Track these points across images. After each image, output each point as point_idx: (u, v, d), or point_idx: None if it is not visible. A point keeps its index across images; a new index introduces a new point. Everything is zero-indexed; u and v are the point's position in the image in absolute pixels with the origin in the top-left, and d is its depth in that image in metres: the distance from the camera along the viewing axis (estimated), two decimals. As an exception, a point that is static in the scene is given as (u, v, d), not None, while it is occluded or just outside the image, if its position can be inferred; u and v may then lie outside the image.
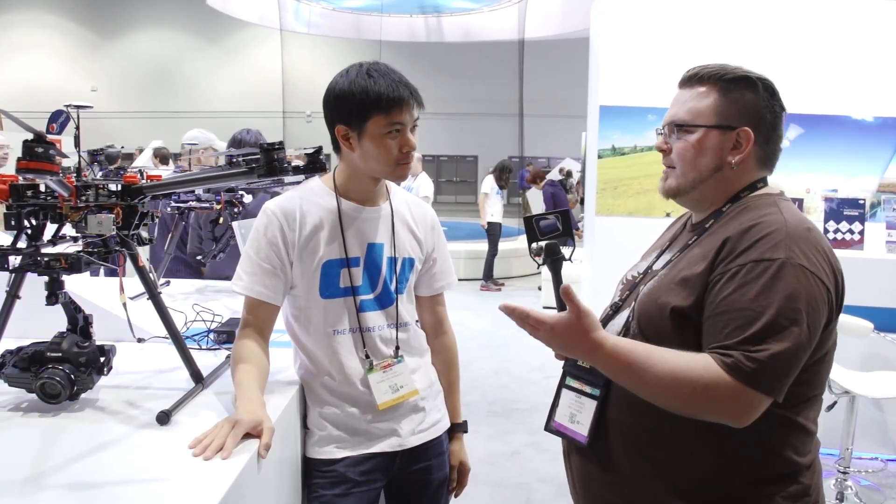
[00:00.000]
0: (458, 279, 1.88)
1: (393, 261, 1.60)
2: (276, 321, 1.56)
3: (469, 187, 21.53)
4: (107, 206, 1.40)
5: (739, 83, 1.27)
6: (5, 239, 1.48)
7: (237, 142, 3.10)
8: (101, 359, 1.45)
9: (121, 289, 1.50)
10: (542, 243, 1.25)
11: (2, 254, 1.34)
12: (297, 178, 1.62)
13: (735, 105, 1.26)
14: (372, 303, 1.57)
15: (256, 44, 20.70)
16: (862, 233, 3.79)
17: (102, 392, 1.49)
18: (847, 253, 3.69)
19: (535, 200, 10.32)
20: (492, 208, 8.65)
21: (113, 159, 7.64)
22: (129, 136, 15.05)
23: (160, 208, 2.50)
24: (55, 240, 1.43)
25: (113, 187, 1.42)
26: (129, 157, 7.54)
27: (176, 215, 2.54)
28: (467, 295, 8.17)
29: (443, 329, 1.77)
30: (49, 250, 1.38)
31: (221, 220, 2.56)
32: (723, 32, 4.15)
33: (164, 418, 1.33)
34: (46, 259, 1.34)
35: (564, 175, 13.31)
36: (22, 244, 1.38)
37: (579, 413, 1.31)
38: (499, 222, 8.70)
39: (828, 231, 3.78)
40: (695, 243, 1.27)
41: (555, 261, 1.24)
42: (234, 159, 1.51)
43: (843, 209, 3.81)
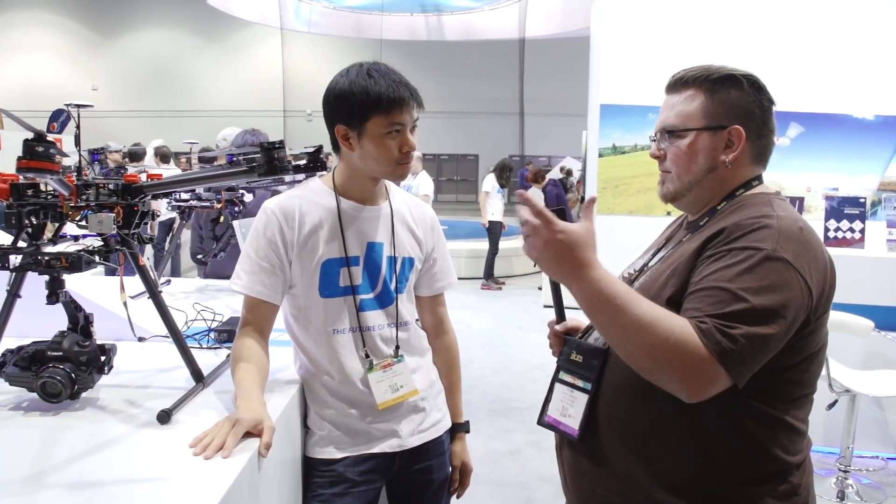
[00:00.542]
0: (459, 278, 1.88)
1: (393, 260, 1.60)
2: (275, 320, 1.56)
3: (470, 186, 21.52)
4: (107, 204, 1.40)
5: (724, 82, 1.27)
6: (6, 238, 1.48)
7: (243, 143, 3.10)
8: (102, 358, 1.45)
9: (121, 288, 1.50)
10: None
11: (2, 253, 1.34)
12: (297, 178, 1.62)
13: (722, 104, 1.27)
14: (372, 302, 1.57)
15: (257, 43, 20.70)
16: (863, 231, 3.78)
17: (103, 391, 1.49)
18: (848, 251, 3.69)
19: (536, 199, 10.27)
20: (493, 207, 8.64)
21: (138, 156, 7.65)
22: (129, 135, 15.05)
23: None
24: (55, 239, 1.43)
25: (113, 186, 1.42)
26: (129, 156, 7.55)
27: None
28: (468, 294, 8.17)
29: (444, 329, 1.77)
30: (50, 249, 1.38)
31: (222, 218, 2.57)
32: (723, 31, 4.15)
33: (164, 417, 1.33)
34: (47, 258, 1.34)
35: (565, 174, 13.29)
36: (22, 243, 1.38)
37: (571, 407, 1.31)
38: (500, 221, 8.69)
39: (828, 230, 3.78)
40: (688, 240, 1.28)
41: None
42: (234, 158, 1.52)
43: (844, 208, 3.80)
